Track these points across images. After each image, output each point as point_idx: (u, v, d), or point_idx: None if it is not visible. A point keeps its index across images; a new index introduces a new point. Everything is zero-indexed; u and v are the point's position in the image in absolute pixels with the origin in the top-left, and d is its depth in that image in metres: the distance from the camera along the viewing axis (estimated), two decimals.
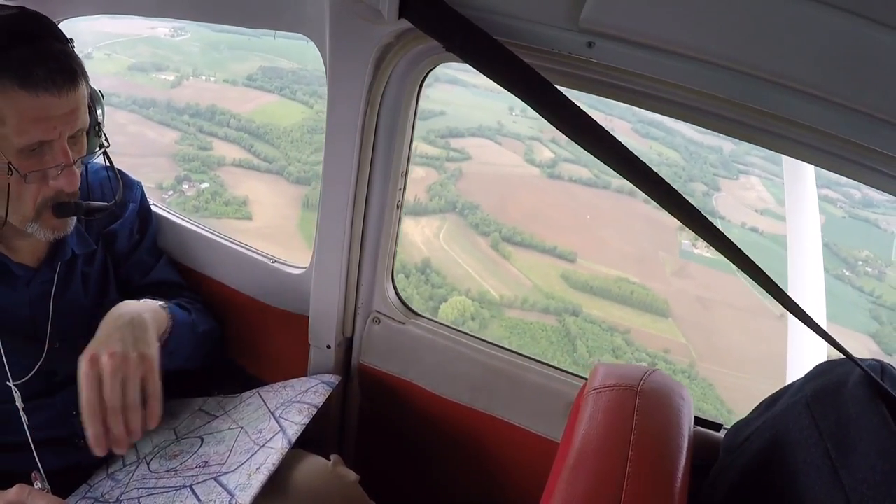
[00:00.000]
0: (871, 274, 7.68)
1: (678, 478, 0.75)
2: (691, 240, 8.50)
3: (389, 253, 1.42)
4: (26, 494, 1.04)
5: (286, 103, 9.48)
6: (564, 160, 9.35)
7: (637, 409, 0.82)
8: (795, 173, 1.85)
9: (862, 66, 0.80)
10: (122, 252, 1.42)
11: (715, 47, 0.88)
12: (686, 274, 8.46)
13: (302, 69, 9.88)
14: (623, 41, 0.95)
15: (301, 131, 9.21)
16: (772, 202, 8.86)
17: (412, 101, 1.26)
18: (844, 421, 0.79)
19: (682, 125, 9.47)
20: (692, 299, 8.23)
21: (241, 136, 8.94)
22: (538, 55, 1.04)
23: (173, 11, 1.47)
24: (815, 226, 1.85)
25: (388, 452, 1.59)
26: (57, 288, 1.27)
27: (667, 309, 7.98)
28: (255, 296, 1.53)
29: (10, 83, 1.02)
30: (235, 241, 1.57)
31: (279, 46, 10.10)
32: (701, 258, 8.44)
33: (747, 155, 9.52)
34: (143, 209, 1.48)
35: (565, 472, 0.75)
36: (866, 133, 0.86)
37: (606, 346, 7.56)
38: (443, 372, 1.42)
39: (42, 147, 1.09)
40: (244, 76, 9.77)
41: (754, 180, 9.21)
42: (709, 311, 8.20)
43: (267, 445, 1.15)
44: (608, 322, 7.94)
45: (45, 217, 1.15)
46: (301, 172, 8.65)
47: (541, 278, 8.34)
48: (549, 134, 9.59)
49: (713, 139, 9.61)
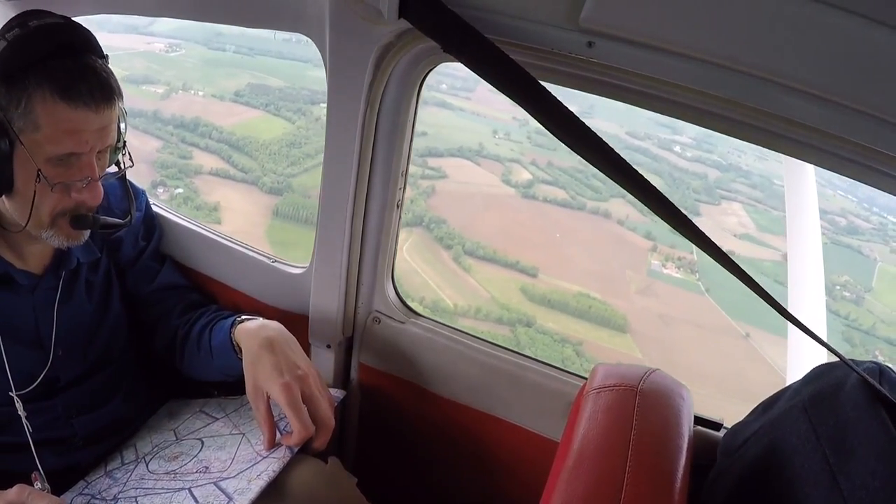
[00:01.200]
0: (848, 298, 7.77)
1: (678, 478, 0.75)
2: (661, 260, 8.59)
3: (389, 253, 1.42)
4: (26, 495, 1.05)
5: (269, 119, 9.69)
6: (542, 182, 9.50)
7: (637, 409, 0.82)
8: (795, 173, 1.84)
9: (862, 66, 0.80)
10: (127, 260, 1.43)
11: (715, 47, 0.88)
12: (651, 292, 8.56)
13: (289, 87, 10.08)
14: (623, 41, 0.94)
15: (280, 145, 9.43)
16: (752, 227, 8.97)
17: (412, 101, 1.26)
18: (842, 425, 0.79)
19: (671, 154, 9.56)
20: (654, 316, 8.34)
21: (222, 147, 9.17)
22: (538, 55, 1.04)
23: (174, 11, 1.47)
24: (815, 227, 1.85)
25: (388, 452, 1.59)
26: (61, 296, 1.28)
27: (625, 324, 8.09)
28: (255, 296, 1.53)
29: (52, 93, 1.04)
30: (235, 241, 1.56)
31: (271, 66, 10.28)
32: (669, 278, 8.56)
33: (732, 182, 9.63)
34: (147, 217, 1.49)
35: (565, 471, 0.75)
36: (866, 133, 0.86)
37: (556, 356, 7.63)
38: (443, 372, 1.42)
39: (70, 159, 1.10)
40: (232, 92, 9.94)
41: (736, 206, 9.31)
42: (670, 328, 8.29)
43: (269, 456, 1.15)
44: (561, 334, 8.06)
45: (61, 225, 1.16)
46: (275, 183, 8.88)
47: (499, 291, 8.48)
48: (530, 156, 9.75)
49: (699, 167, 9.74)
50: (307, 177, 9.02)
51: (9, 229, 1.19)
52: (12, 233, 1.20)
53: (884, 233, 8.26)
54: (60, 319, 1.27)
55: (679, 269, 8.55)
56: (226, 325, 1.28)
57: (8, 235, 1.21)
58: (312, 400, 1.16)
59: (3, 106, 1.06)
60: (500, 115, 10.01)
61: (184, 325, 1.40)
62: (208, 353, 1.31)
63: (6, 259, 1.22)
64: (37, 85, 1.04)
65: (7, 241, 1.22)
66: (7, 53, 1.05)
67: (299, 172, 9.10)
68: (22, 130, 1.06)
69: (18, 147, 1.07)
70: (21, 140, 1.06)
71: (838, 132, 0.89)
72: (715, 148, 9.89)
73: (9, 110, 1.06)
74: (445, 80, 9.95)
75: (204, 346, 1.32)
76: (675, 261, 8.57)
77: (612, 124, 9.72)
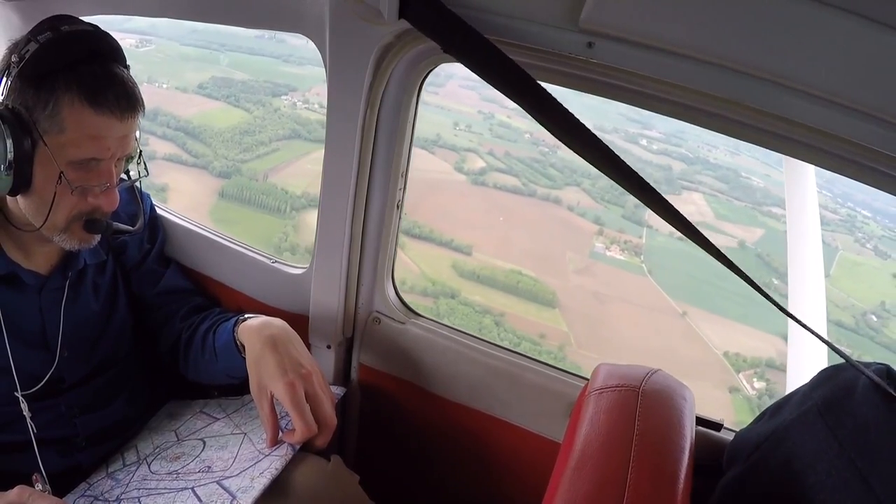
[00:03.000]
0: None
1: (681, 478, 0.75)
2: (606, 243, 8.64)
3: (389, 253, 1.42)
4: (27, 495, 1.04)
5: (229, 109, 9.89)
6: (495, 170, 9.58)
7: (639, 409, 0.82)
8: (795, 173, 1.85)
9: (862, 66, 0.80)
10: (132, 262, 1.43)
11: (715, 47, 0.88)
12: (590, 272, 8.61)
13: (253, 80, 10.25)
14: (623, 41, 0.95)
15: (234, 133, 9.64)
16: (710, 216, 9.01)
17: (412, 101, 1.26)
18: (862, 427, 0.78)
19: (636, 147, 9.61)
20: (587, 294, 8.40)
21: (178, 134, 9.41)
22: (538, 55, 1.04)
23: (173, 12, 1.47)
24: (815, 227, 1.85)
25: (388, 453, 1.59)
26: (67, 297, 1.28)
27: (554, 300, 8.14)
28: (255, 296, 1.53)
29: (80, 97, 1.06)
30: (235, 241, 1.56)
31: (240, 61, 10.43)
32: (612, 260, 8.61)
33: (697, 174, 9.69)
34: (151, 220, 1.49)
35: (567, 472, 0.75)
36: (866, 133, 0.86)
37: (473, 325, 7.69)
38: (443, 372, 1.42)
39: (90, 164, 1.12)
40: (196, 84, 10.06)
41: (696, 196, 9.36)
42: (604, 305, 8.36)
43: (272, 454, 1.15)
44: (484, 306, 8.14)
45: (74, 229, 1.18)
46: (224, 167, 9.11)
47: (430, 266, 8.56)
48: (488, 147, 9.82)
49: (664, 159, 9.80)
50: (258, 162, 9.17)
51: (21, 229, 1.20)
52: (23, 232, 1.20)
53: (851, 224, 8.31)
54: (66, 320, 1.27)
55: (623, 252, 8.55)
56: (229, 326, 1.28)
57: (16, 235, 1.22)
58: (315, 399, 1.17)
59: (30, 106, 1.08)
60: (466, 109, 10.03)
61: (187, 328, 1.40)
62: (213, 356, 1.31)
63: (13, 259, 1.22)
64: (65, 88, 1.06)
65: (15, 240, 1.22)
66: (38, 55, 1.07)
67: (251, 158, 9.26)
68: (46, 132, 1.08)
69: (41, 148, 1.08)
70: (45, 141, 1.08)
71: (838, 132, 0.89)
72: (684, 143, 9.94)
73: (35, 111, 1.07)
74: None
75: (208, 348, 1.32)
76: (620, 244, 8.60)
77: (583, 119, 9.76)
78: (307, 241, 7.94)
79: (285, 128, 9.50)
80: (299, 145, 9.33)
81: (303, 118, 9.55)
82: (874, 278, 7.83)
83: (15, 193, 1.12)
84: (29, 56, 1.07)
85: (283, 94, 9.91)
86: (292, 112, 9.65)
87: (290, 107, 9.73)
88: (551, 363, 1.36)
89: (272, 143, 9.31)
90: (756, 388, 6.72)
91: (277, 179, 8.93)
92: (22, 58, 1.07)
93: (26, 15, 1.58)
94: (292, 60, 9.89)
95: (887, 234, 7.85)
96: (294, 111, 9.67)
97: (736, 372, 6.97)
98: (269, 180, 8.84)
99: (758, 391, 6.67)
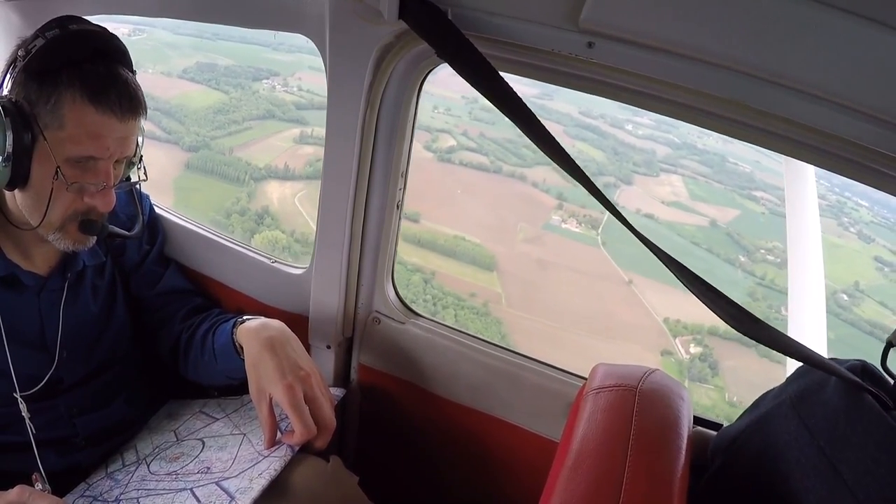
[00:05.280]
0: (770, 262, 7.79)
1: (677, 478, 0.75)
2: (563, 216, 8.65)
3: (389, 253, 1.42)
4: (27, 495, 1.04)
5: (209, 92, 10.06)
6: (466, 149, 9.61)
7: (636, 409, 0.82)
8: (795, 173, 1.85)
9: (862, 66, 0.80)
10: (131, 264, 1.43)
11: (715, 47, 0.88)
12: (540, 242, 8.64)
13: (236, 65, 10.37)
14: (623, 41, 0.94)
15: (209, 112, 9.80)
16: (685, 196, 9.00)
17: (412, 102, 1.26)
18: (832, 416, 0.80)
19: (620, 131, 9.63)
20: (531, 261, 8.44)
21: (155, 114, 9.62)
22: (538, 55, 1.04)
23: (173, 11, 1.47)
24: (815, 226, 1.85)
25: (388, 453, 1.59)
26: (66, 298, 1.28)
27: (493, 264, 8.18)
28: (255, 296, 1.53)
29: (81, 95, 1.07)
30: (235, 241, 1.56)
31: (229, 49, 10.55)
32: (566, 232, 8.60)
33: (682, 159, 9.68)
34: (151, 220, 1.49)
35: (564, 472, 0.76)
36: (866, 133, 0.86)
37: (402, 281, 7.74)
38: (443, 372, 1.42)
39: (88, 162, 1.12)
40: (181, 69, 10.19)
41: (675, 178, 9.34)
42: (546, 272, 8.39)
43: (271, 455, 1.15)
44: (416, 265, 8.17)
45: (70, 229, 1.18)
46: (194, 142, 9.27)
47: None
48: (463, 128, 9.83)
49: (648, 144, 9.81)
50: (229, 139, 9.28)
51: (20, 227, 1.20)
52: (22, 231, 1.20)
53: (838, 210, 8.29)
54: (65, 321, 1.27)
55: (580, 225, 8.53)
56: (227, 327, 1.28)
57: (16, 236, 1.22)
58: (314, 401, 1.17)
59: (32, 100, 1.09)
60: (450, 94, 10.01)
61: (187, 329, 1.40)
62: (212, 357, 1.31)
63: (12, 260, 1.22)
64: (68, 84, 1.07)
65: (14, 241, 1.23)
66: (44, 51, 1.08)
67: (222, 135, 9.35)
68: (47, 126, 1.09)
69: (41, 142, 1.09)
70: (45, 136, 1.08)
71: (838, 132, 0.89)
72: (674, 129, 9.94)
73: (37, 105, 1.08)
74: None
75: (208, 350, 1.32)
76: (578, 217, 8.58)
77: (572, 106, 9.76)
78: (258, 205, 8.24)
79: (260, 108, 9.59)
80: (272, 124, 9.39)
81: (279, 100, 9.62)
82: (852, 260, 7.82)
83: (12, 187, 1.12)
84: (35, 51, 1.08)
85: (265, 78, 10.02)
86: (270, 94, 9.73)
87: (268, 90, 9.83)
88: (551, 363, 1.36)
89: (245, 122, 9.40)
90: (691, 353, 6.76)
91: (245, 154, 9.01)
92: (28, 52, 1.09)
93: (26, 15, 1.58)
94: (281, 48, 9.95)
95: (877, 220, 7.84)
96: (272, 94, 9.75)
97: (673, 337, 7.00)
98: (234, 155, 8.97)
99: (692, 356, 6.73)
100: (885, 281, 7.28)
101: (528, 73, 1.10)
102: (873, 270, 7.37)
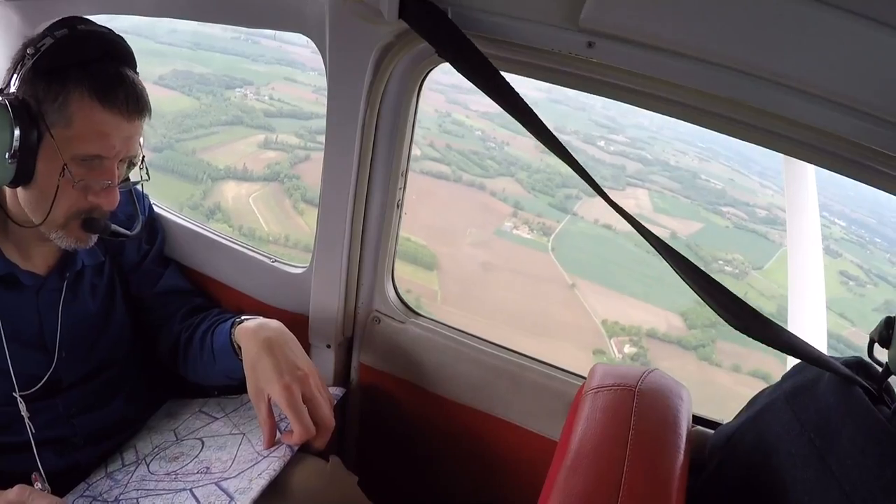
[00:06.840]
0: (728, 272, 7.89)
1: (675, 477, 0.75)
2: (515, 223, 8.73)
3: (390, 252, 1.42)
4: (27, 495, 1.05)
5: (181, 98, 10.19)
6: (429, 158, 9.71)
7: (635, 408, 0.82)
8: (795, 173, 1.84)
9: (862, 66, 0.80)
10: (130, 263, 1.43)
11: (715, 47, 0.88)
12: (487, 246, 8.72)
13: (211, 74, 10.56)
14: (623, 41, 0.95)
15: (178, 116, 9.93)
16: (648, 209, 9.06)
17: (412, 101, 1.26)
18: (824, 409, 0.82)
19: (592, 147, 9.70)
20: (475, 263, 8.50)
21: None
22: (538, 55, 1.04)
23: (173, 11, 1.47)
24: (815, 227, 1.85)
25: (388, 452, 1.59)
26: (65, 298, 1.28)
27: (434, 263, 8.22)
28: (255, 295, 1.53)
29: (90, 93, 1.09)
30: (235, 241, 1.56)
31: (208, 59, 10.67)
32: (516, 237, 8.65)
33: (652, 174, 9.75)
34: (150, 220, 1.50)
35: (563, 471, 0.75)
36: (866, 133, 0.86)
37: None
38: (443, 372, 1.42)
39: (94, 161, 1.13)
40: (156, 76, 10.38)
41: (640, 192, 9.42)
42: (487, 273, 8.45)
43: (270, 455, 1.15)
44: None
45: (72, 227, 1.18)
46: (158, 143, 9.39)
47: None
48: (430, 140, 9.97)
49: (620, 160, 9.89)
50: (194, 142, 9.38)
51: (21, 225, 1.20)
52: (22, 229, 1.20)
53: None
54: (64, 321, 1.27)
55: (532, 232, 8.58)
56: (226, 328, 1.28)
57: (15, 235, 1.22)
58: (313, 401, 1.17)
59: (39, 99, 1.09)
60: (423, 106, 10.16)
61: (186, 329, 1.40)
62: (211, 358, 1.31)
63: (11, 259, 1.22)
64: (76, 83, 1.08)
65: (14, 240, 1.23)
66: (53, 50, 1.09)
67: (188, 139, 9.45)
68: (54, 125, 1.09)
69: (47, 140, 1.10)
70: (52, 134, 1.09)
71: (838, 132, 0.89)
72: (648, 146, 10.01)
73: (45, 103, 1.09)
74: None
75: (207, 349, 1.32)
76: (531, 225, 8.64)
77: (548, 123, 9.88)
78: (210, 203, 8.41)
79: (229, 114, 9.70)
80: (239, 130, 9.50)
81: (248, 107, 9.74)
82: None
83: (16, 185, 1.12)
84: (44, 50, 1.09)
85: (238, 86, 10.13)
86: (241, 102, 9.85)
87: (240, 98, 9.95)
88: (551, 363, 1.36)
89: (212, 126, 9.50)
90: (625, 353, 6.83)
91: (208, 157, 9.12)
92: (38, 51, 1.09)
93: (26, 15, 1.58)
94: (260, 60, 10.10)
95: (848, 237, 7.90)
96: (243, 101, 9.86)
97: (609, 337, 7.05)
98: (197, 156, 9.10)
99: (625, 356, 6.79)
100: (849, 294, 7.35)
101: (527, 72, 1.10)
102: (838, 284, 7.43)
